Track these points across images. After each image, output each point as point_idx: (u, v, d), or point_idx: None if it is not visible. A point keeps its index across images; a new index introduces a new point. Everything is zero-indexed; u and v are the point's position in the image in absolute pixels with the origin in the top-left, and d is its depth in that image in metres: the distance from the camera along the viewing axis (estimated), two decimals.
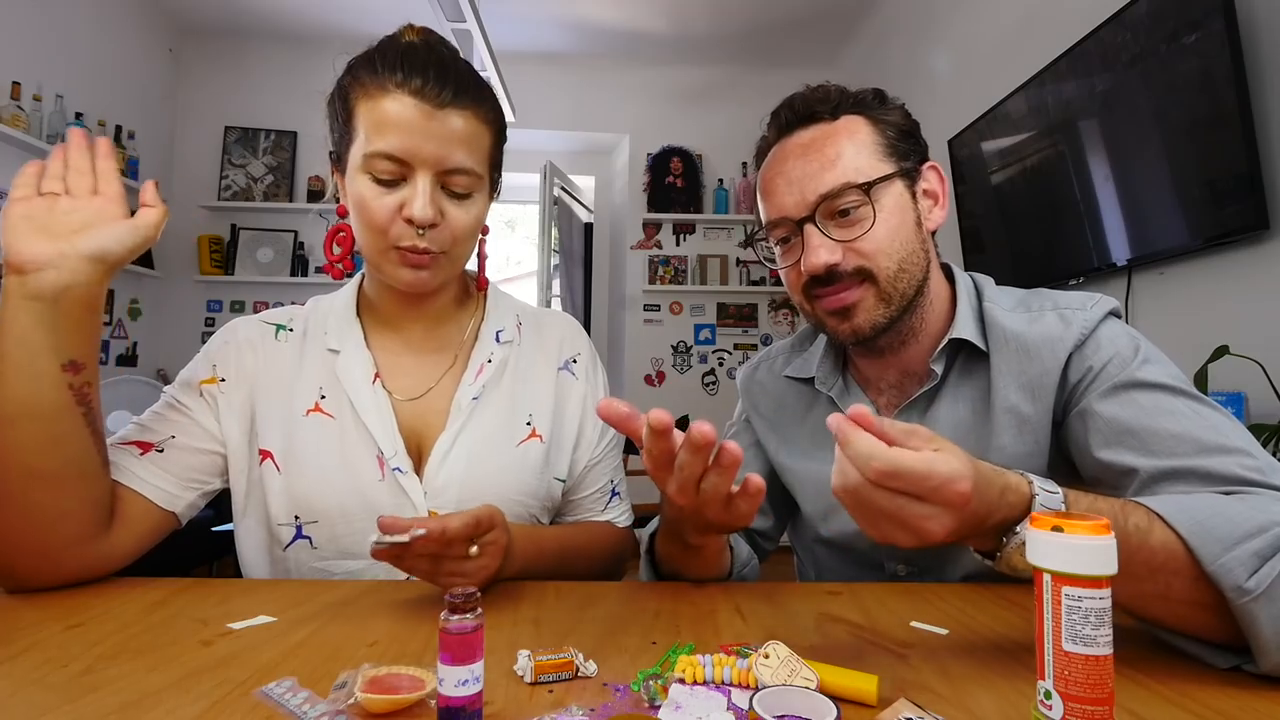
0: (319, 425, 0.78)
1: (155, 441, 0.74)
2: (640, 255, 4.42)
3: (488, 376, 0.83)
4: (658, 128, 4.41)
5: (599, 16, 3.93)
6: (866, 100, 0.78)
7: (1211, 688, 0.46)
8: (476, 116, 0.73)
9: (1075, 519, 0.37)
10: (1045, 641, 0.37)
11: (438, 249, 0.73)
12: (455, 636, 0.37)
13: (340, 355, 0.80)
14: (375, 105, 0.70)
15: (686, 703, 0.42)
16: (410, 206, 0.69)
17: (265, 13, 3.91)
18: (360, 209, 0.71)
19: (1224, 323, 1.67)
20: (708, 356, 4.42)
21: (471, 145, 0.72)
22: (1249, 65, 1.56)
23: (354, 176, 0.71)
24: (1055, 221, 2.18)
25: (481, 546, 0.61)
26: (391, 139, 0.69)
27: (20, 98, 3.01)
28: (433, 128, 0.69)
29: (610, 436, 0.92)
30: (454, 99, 0.70)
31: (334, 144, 0.77)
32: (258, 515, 0.78)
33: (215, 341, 0.82)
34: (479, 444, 0.80)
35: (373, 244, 0.73)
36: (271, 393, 0.79)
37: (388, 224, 0.71)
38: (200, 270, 4.04)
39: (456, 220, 0.73)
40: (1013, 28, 2.57)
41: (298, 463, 0.76)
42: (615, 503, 0.92)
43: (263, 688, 0.43)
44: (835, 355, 0.87)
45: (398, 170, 0.70)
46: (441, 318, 0.85)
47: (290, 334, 0.83)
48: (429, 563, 0.59)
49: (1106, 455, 0.65)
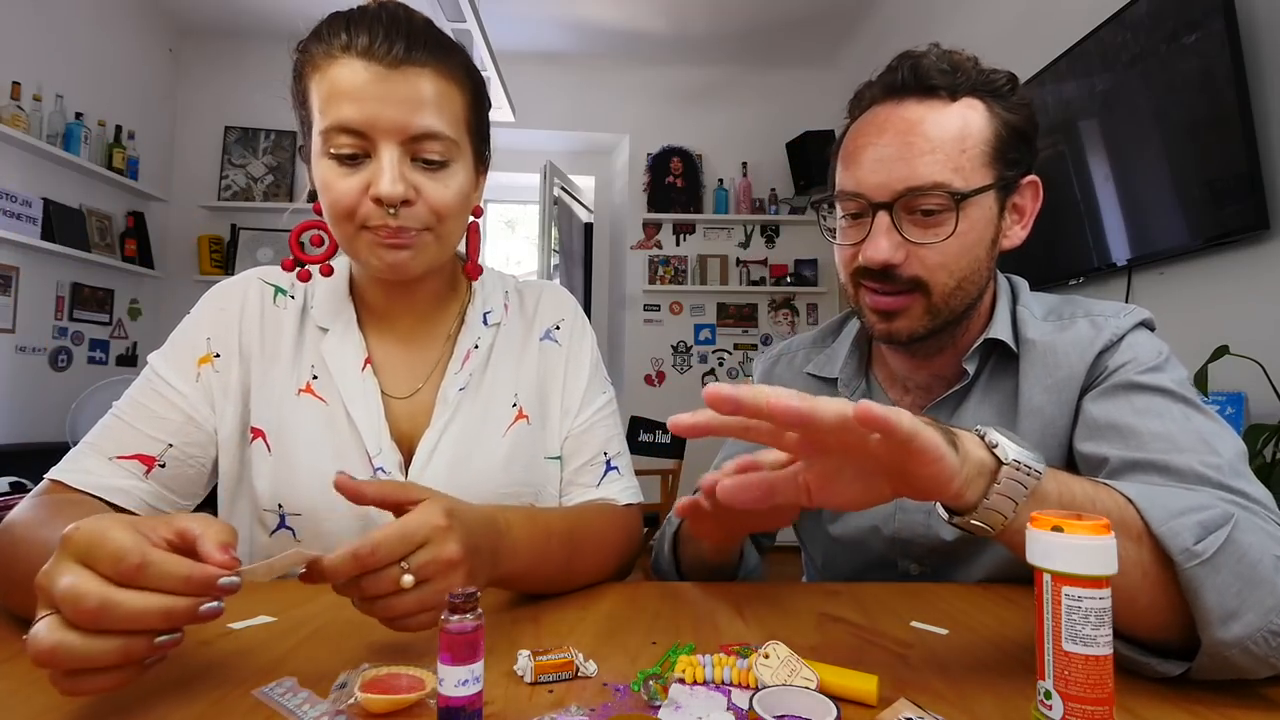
0: (310, 409, 0.72)
1: (156, 455, 0.68)
2: (640, 255, 4.42)
3: (475, 364, 0.77)
4: (658, 128, 4.41)
5: (599, 16, 3.93)
6: (998, 85, 0.70)
7: (1211, 688, 0.46)
8: (441, 74, 0.65)
9: (1075, 519, 0.37)
10: (1045, 641, 0.37)
11: (418, 226, 0.66)
12: (455, 636, 0.37)
13: (329, 334, 0.74)
14: (324, 76, 0.63)
15: (686, 703, 0.42)
16: (377, 184, 0.62)
17: (265, 13, 3.91)
18: (325, 193, 0.65)
19: (1224, 323, 1.67)
20: (708, 356, 4.42)
21: (439, 106, 0.64)
22: (1249, 65, 1.56)
23: (317, 161, 0.65)
24: (1055, 221, 2.18)
25: (420, 569, 0.46)
26: (344, 108, 0.62)
27: (20, 98, 3.02)
28: (389, 90, 0.62)
29: (599, 404, 0.83)
30: (409, 54, 0.63)
31: (301, 135, 0.71)
32: (248, 498, 0.72)
33: (209, 305, 0.75)
34: (466, 438, 0.74)
35: (343, 231, 0.66)
36: (266, 365, 0.74)
37: (354, 205, 0.64)
38: (200, 270, 4.04)
39: (433, 194, 0.65)
40: (1013, 28, 2.57)
41: (286, 447, 0.71)
42: (613, 477, 0.81)
43: (263, 688, 0.43)
44: (860, 354, 0.84)
45: (358, 144, 0.63)
46: (432, 309, 0.79)
47: (290, 301, 0.77)
48: (357, 593, 0.47)
49: (1086, 447, 0.65)
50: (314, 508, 0.69)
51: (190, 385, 0.71)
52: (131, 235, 3.76)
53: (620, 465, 0.82)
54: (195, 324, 0.74)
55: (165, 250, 4.01)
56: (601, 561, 0.72)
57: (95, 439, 0.68)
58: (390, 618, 0.47)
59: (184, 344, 0.73)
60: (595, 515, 0.76)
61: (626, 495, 0.81)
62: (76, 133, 3.28)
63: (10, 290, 3.09)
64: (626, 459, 0.84)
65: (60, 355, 3.38)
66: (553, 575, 0.65)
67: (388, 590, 0.46)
